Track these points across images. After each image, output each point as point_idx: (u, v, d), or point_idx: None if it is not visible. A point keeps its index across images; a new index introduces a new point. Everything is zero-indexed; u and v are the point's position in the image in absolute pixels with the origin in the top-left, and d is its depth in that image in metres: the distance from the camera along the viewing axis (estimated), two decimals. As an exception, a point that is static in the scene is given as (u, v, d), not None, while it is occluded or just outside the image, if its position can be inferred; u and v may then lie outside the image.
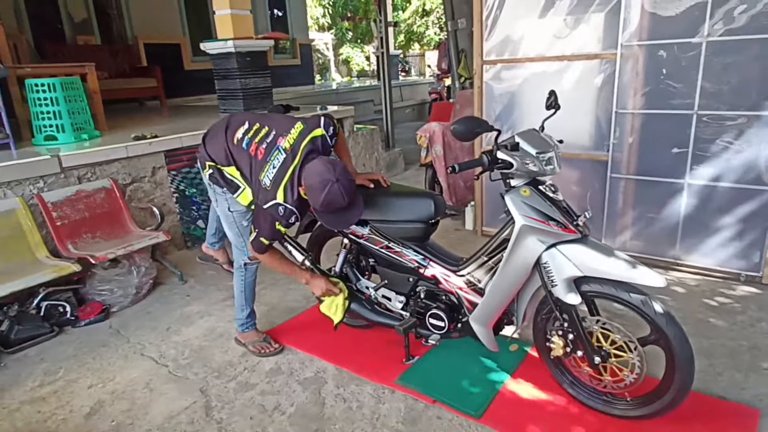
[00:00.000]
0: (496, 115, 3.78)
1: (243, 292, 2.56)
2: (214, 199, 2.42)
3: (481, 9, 3.57)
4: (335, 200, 1.91)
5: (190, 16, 8.45)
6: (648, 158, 3.22)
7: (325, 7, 17.88)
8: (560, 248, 1.85)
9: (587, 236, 1.87)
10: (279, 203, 2.02)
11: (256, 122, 2.22)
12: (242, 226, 2.40)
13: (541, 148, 1.84)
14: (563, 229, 1.83)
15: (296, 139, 2.08)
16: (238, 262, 2.51)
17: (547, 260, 1.87)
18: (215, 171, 2.28)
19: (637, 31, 3.04)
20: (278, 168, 2.04)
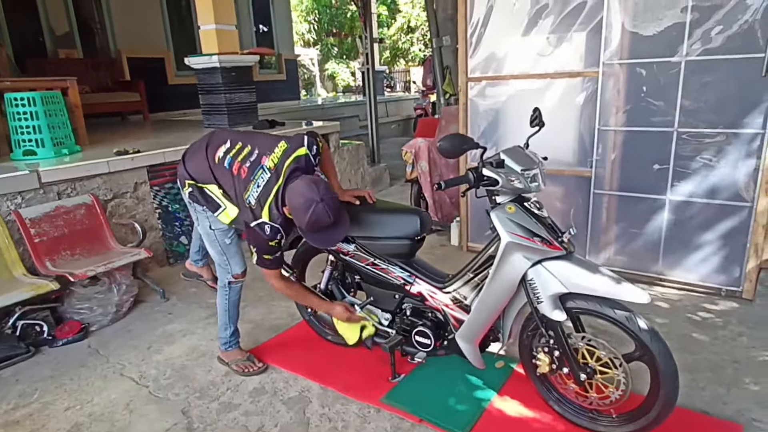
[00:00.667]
0: (480, 131, 3.81)
1: (227, 311, 2.52)
2: (195, 217, 2.38)
3: (465, 27, 3.62)
4: (320, 220, 1.90)
5: (174, 30, 8.43)
6: (630, 174, 3.27)
7: (310, 23, 18.03)
8: (546, 265, 1.86)
9: (572, 253, 1.88)
10: (264, 222, 2.01)
11: (238, 141, 2.20)
12: (225, 244, 2.37)
13: (526, 165, 1.86)
14: (548, 245, 1.84)
15: (280, 159, 2.06)
16: (222, 281, 2.47)
17: (533, 277, 1.88)
18: (195, 189, 2.25)
19: (618, 50, 3.11)
20: (262, 187, 2.03)
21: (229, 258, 2.40)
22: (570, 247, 1.87)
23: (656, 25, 2.96)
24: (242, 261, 2.46)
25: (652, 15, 2.96)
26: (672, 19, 2.90)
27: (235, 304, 2.53)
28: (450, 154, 1.83)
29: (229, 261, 2.41)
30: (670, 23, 2.91)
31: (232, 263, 2.42)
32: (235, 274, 2.44)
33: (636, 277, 3.31)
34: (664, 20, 2.93)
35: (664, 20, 2.93)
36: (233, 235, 2.40)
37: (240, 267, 2.45)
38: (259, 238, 2.03)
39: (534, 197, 1.94)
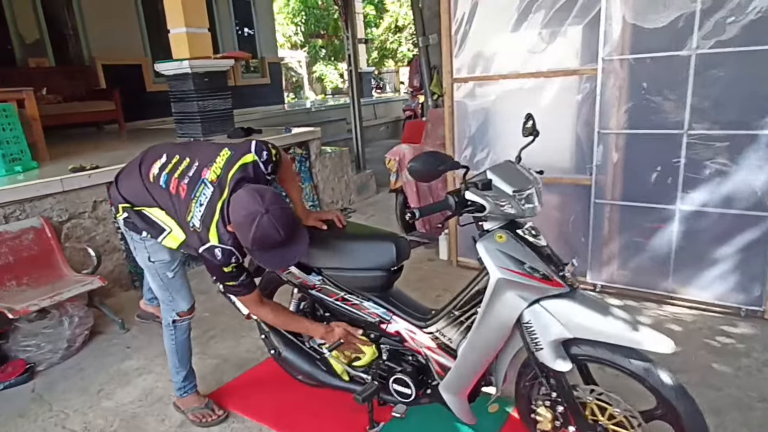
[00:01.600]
0: (468, 136, 3.50)
1: (175, 353, 2.20)
2: (132, 247, 2.06)
3: (449, 23, 3.31)
4: (267, 235, 1.55)
5: (151, 36, 8.09)
6: (635, 182, 2.96)
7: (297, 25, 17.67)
8: (545, 304, 1.54)
9: (576, 289, 1.56)
10: (213, 246, 1.68)
11: (176, 154, 1.89)
12: (167, 278, 2.07)
13: (518, 185, 1.54)
14: (547, 281, 1.52)
15: (223, 168, 1.73)
16: (166, 319, 2.16)
17: (530, 319, 1.56)
18: (131, 214, 1.93)
19: (619, 45, 2.80)
20: (206, 205, 1.70)
21: (173, 293, 2.10)
22: (573, 282, 1.55)
23: (662, 15, 2.65)
24: (189, 296, 2.16)
25: (656, 4, 2.66)
26: (680, 9, 2.59)
27: (184, 345, 2.22)
28: (423, 177, 1.51)
29: (174, 297, 2.10)
30: (678, 13, 2.60)
31: (177, 299, 2.11)
32: (180, 311, 2.13)
33: (643, 295, 3.01)
34: (671, 9, 2.62)
35: (670, 9, 2.62)
36: (177, 267, 2.09)
37: (186, 303, 2.14)
38: (213, 266, 1.71)
39: (529, 222, 1.62)
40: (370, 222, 5.07)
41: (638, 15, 2.72)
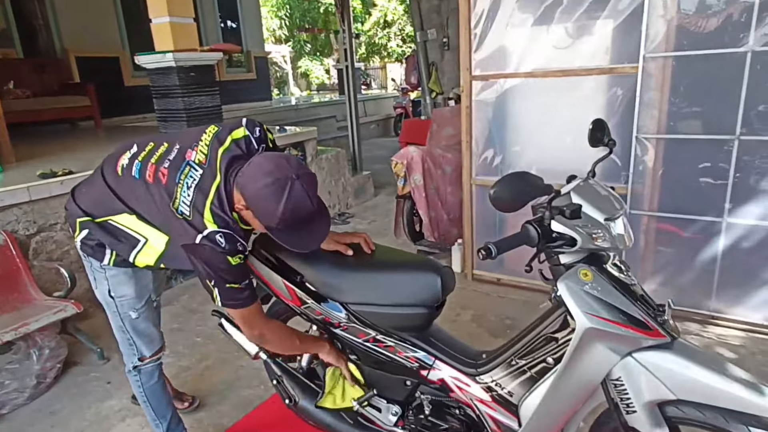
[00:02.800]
0: (486, 139, 3.20)
1: (147, 402, 1.86)
2: (92, 278, 1.71)
3: (468, 17, 3.00)
4: (301, 204, 1.29)
5: (130, 27, 7.58)
6: (676, 192, 2.70)
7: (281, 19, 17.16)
8: (640, 358, 1.24)
9: (677, 338, 1.27)
10: (214, 231, 1.37)
11: (150, 141, 1.58)
12: (129, 318, 1.73)
13: (608, 210, 1.24)
14: (644, 330, 1.23)
15: (209, 146, 1.44)
16: (128, 365, 1.83)
17: (621, 375, 1.26)
18: (93, 229, 1.58)
19: (663, 41, 2.52)
20: (195, 188, 1.40)
21: (135, 337, 1.77)
22: (675, 330, 1.26)
23: (715, 7, 2.38)
24: (155, 340, 1.83)
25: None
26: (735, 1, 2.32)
27: (156, 391, 1.87)
28: (507, 206, 1.20)
29: (134, 341, 1.77)
30: (733, 5, 2.33)
31: (138, 344, 1.78)
32: (142, 357, 1.80)
33: (684, 315, 2.75)
34: (725, 1, 2.35)
35: (724, 1, 2.35)
36: (144, 307, 1.75)
37: (150, 349, 1.81)
38: (214, 260, 1.38)
39: (616, 256, 1.32)
40: (371, 227, 4.74)
41: (688, 7, 2.44)
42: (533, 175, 1.26)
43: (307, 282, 1.67)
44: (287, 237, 1.37)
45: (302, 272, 1.68)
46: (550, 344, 1.38)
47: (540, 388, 1.39)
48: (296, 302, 1.72)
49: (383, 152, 8.77)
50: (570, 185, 1.33)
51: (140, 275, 1.72)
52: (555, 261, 1.32)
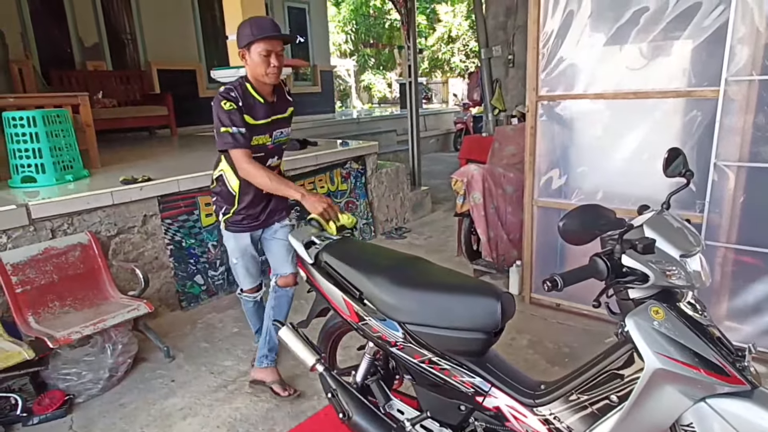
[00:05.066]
0: (551, 160, 3.13)
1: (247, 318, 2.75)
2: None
3: (537, 36, 2.96)
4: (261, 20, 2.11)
5: (207, 41, 8.07)
6: (758, 223, 2.52)
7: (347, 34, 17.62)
8: (715, 404, 1.17)
9: (758, 387, 1.18)
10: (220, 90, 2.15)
11: None
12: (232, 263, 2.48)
13: (683, 246, 1.19)
14: (721, 376, 1.15)
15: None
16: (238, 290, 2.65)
17: (693, 421, 1.19)
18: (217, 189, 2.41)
19: (749, 63, 2.38)
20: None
21: (237, 276, 2.53)
22: (756, 378, 1.17)
23: (809, 30, 2.22)
24: (249, 281, 2.52)
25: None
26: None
27: (249, 313, 2.69)
28: (577, 238, 1.18)
29: (238, 278, 2.54)
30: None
31: (239, 280, 2.55)
32: (241, 289, 2.60)
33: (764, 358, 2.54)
34: (822, 23, 2.19)
35: (821, 23, 2.19)
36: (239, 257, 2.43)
37: (244, 285, 2.55)
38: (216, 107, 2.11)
39: (690, 293, 1.25)
40: (428, 243, 4.74)
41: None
42: (605, 208, 1.23)
43: (365, 299, 1.70)
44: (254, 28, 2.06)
45: (362, 289, 1.71)
46: (614, 381, 1.32)
47: (602, 427, 1.33)
48: (354, 318, 1.75)
49: (442, 167, 8.76)
50: (642, 217, 1.28)
51: (239, 237, 2.38)
52: (624, 295, 1.28)
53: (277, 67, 2.10)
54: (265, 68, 2.08)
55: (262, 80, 2.13)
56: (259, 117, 2.17)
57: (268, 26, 2.07)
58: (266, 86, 2.18)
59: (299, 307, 3.41)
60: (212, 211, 3.57)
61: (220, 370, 2.74)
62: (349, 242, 1.99)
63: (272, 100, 2.23)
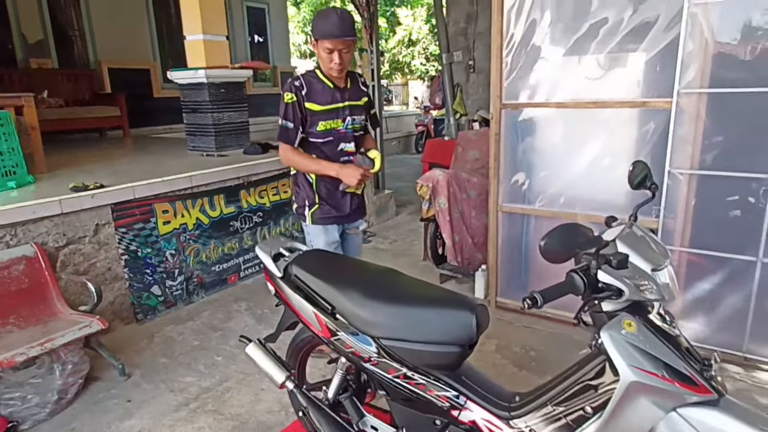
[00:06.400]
0: (514, 166, 3.18)
1: None
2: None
3: (501, 44, 2.99)
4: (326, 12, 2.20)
5: (162, 40, 7.77)
6: (708, 228, 2.64)
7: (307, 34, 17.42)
8: (685, 414, 1.20)
9: (724, 395, 1.22)
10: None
11: None
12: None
13: (654, 260, 1.21)
14: (690, 386, 1.18)
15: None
16: None
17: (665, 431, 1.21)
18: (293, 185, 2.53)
19: (698, 76, 2.48)
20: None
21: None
22: (722, 387, 1.21)
23: (753, 47, 2.34)
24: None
25: (747, 32, 2.35)
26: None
27: None
28: (557, 257, 1.18)
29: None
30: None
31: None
32: None
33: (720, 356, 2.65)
34: (764, 38, 2.31)
35: (763, 39, 2.31)
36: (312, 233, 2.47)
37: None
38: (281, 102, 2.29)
39: (660, 305, 1.28)
40: (393, 248, 4.72)
41: (725, 42, 2.41)
42: (583, 227, 1.24)
43: (338, 313, 1.66)
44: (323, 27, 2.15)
45: (334, 303, 1.67)
46: (588, 392, 1.34)
47: (577, 438, 1.34)
48: (326, 333, 1.71)
49: (404, 169, 8.79)
50: (614, 231, 1.30)
51: (330, 230, 2.43)
52: (597, 308, 1.29)
53: (340, 64, 2.20)
54: (328, 63, 2.21)
55: (328, 72, 2.27)
56: (326, 102, 2.28)
57: (332, 26, 2.13)
58: (336, 74, 2.28)
59: (264, 318, 3.33)
60: (170, 219, 3.44)
61: (180, 387, 2.63)
62: (319, 254, 1.95)
63: (344, 85, 2.34)
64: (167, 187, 3.43)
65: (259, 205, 4.06)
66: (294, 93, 2.23)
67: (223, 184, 3.80)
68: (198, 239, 3.63)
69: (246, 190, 3.97)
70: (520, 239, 3.33)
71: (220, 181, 3.77)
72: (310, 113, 2.27)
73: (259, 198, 4.05)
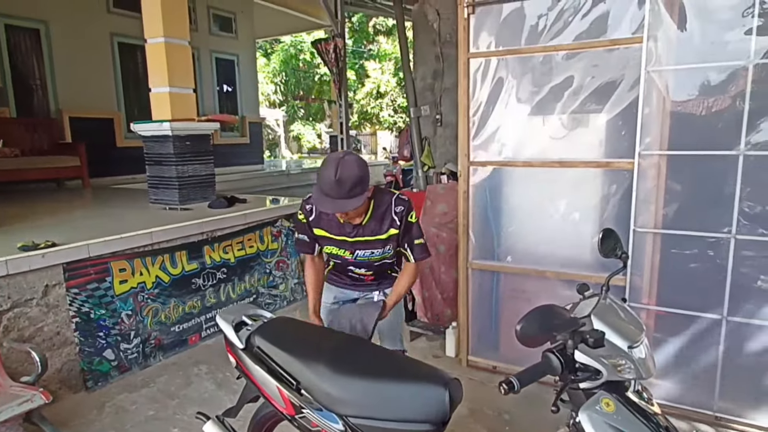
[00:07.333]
0: (483, 223, 3.20)
1: None
2: None
3: (467, 104, 3.07)
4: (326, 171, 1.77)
5: (127, 89, 7.70)
6: (674, 287, 2.68)
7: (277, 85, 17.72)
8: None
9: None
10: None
11: None
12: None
13: (630, 336, 1.19)
14: (672, 468, 1.14)
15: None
16: None
17: None
18: None
19: (658, 137, 2.59)
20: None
21: None
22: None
23: (707, 111, 2.46)
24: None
25: (701, 99, 2.48)
26: (726, 105, 2.42)
27: None
28: (534, 341, 1.14)
29: None
30: (724, 109, 2.42)
31: None
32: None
33: (686, 414, 2.64)
34: (716, 106, 2.44)
35: (716, 106, 2.44)
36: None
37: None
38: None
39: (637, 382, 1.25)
40: (359, 304, 4.61)
41: (681, 106, 2.53)
42: (559, 308, 1.21)
43: (303, 389, 1.56)
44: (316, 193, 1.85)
45: (299, 378, 1.57)
46: (567, 475, 1.27)
47: None
48: (290, 410, 1.60)
49: (372, 220, 8.79)
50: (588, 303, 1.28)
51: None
52: (574, 386, 1.25)
53: (351, 217, 1.91)
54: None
55: None
56: (333, 232, 2.02)
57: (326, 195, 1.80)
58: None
59: (226, 382, 3.14)
60: (127, 277, 3.28)
61: (131, 464, 2.41)
62: (284, 323, 1.86)
63: (358, 222, 1.97)
64: (125, 245, 3.28)
65: (223, 260, 3.92)
66: (305, 215, 2.03)
67: (185, 240, 3.67)
68: (157, 298, 3.45)
69: (210, 245, 3.84)
70: (490, 296, 3.31)
71: (183, 237, 3.64)
72: (318, 236, 2.07)
73: (223, 253, 3.93)
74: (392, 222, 1.98)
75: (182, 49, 4.50)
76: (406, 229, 2.00)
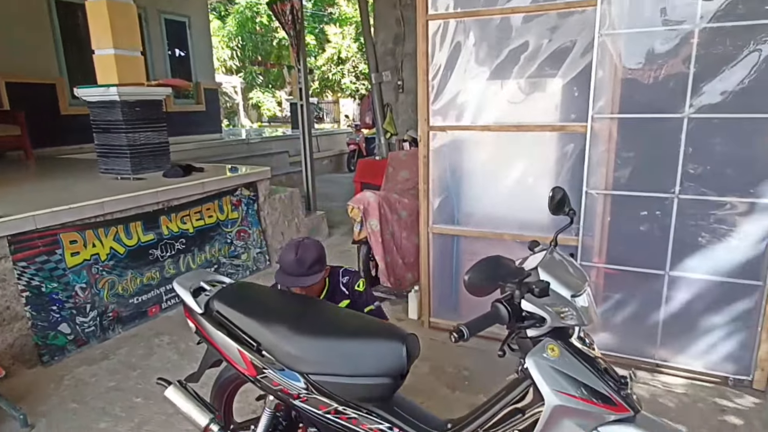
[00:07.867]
0: (443, 187, 3.24)
1: None
2: None
3: (426, 68, 3.06)
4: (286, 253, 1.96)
5: (69, 53, 7.23)
6: (623, 245, 2.81)
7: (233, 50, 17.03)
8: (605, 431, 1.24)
9: (640, 411, 1.28)
10: None
11: None
12: None
13: (574, 286, 1.25)
14: (609, 406, 1.23)
15: None
16: None
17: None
18: None
19: (609, 101, 2.66)
20: None
21: None
22: (637, 404, 1.27)
23: (655, 75, 2.55)
24: None
25: (650, 63, 2.56)
26: (673, 69, 2.50)
27: None
28: (481, 290, 1.18)
29: None
30: (672, 73, 2.51)
31: None
32: None
33: (632, 363, 2.82)
34: (664, 70, 2.52)
35: (664, 70, 2.53)
36: None
37: None
38: None
39: (580, 329, 1.33)
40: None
41: (632, 72, 2.60)
42: (506, 259, 1.26)
43: (264, 350, 1.58)
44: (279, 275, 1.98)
45: (260, 340, 1.59)
46: (516, 416, 1.36)
47: (509, 464, 1.35)
48: (251, 371, 1.62)
49: (336, 189, 8.75)
50: (535, 259, 1.33)
51: None
52: (522, 334, 1.31)
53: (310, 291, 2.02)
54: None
55: None
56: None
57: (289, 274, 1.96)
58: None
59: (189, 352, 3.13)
60: (79, 249, 3.18)
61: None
62: (242, 287, 1.86)
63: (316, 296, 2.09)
64: (75, 215, 3.16)
65: (181, 231, 3.85)
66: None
67: (140, 210, 3.56)
68: (113, 270, 3.36)
69: (167, 215, 3.75)
70: (450, 259, 3.39)
71: (137, 206, 3.54)
72: None
73: (181, 224, 3.85)
74: (342, 294, 2.13)
75: (126, 8, 4.26)
76: (355, 298, 2.13)
